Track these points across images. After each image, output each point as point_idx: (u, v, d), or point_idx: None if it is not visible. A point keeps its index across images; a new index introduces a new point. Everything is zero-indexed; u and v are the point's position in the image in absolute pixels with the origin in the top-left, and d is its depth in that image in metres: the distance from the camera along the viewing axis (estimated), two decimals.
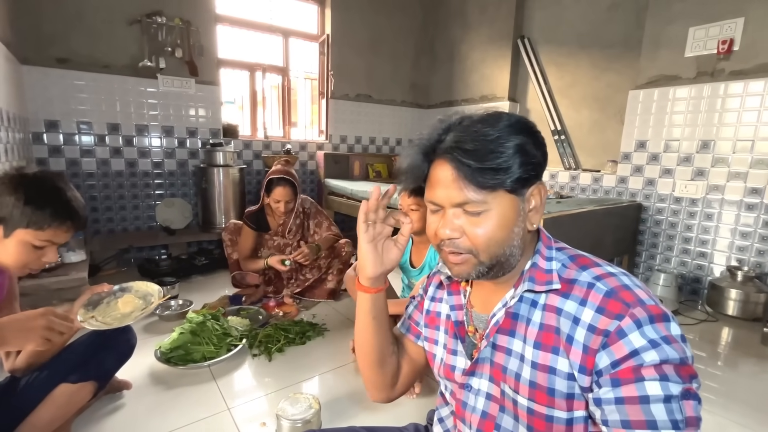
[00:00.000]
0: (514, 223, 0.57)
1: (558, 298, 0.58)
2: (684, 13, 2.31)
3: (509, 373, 0.61)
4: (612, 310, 0.52)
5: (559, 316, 0.57)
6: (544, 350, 0.58)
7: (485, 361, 0.65)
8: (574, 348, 0.54)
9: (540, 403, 0.57)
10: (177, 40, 2.77)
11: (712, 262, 2.34)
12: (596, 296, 0.54)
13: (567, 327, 0.56)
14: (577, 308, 0.55)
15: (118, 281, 2.38)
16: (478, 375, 0.66)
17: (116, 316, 1.08)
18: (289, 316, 1.94)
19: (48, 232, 0.90)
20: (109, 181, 2.76)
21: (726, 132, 2.23)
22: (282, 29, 3.44)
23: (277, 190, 2.04)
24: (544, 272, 0.60)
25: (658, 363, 0.48)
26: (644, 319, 0.50)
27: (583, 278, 0.58)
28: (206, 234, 2.87)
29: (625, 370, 0.49)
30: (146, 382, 1.41)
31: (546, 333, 0.58)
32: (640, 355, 0.49)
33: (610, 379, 0.50)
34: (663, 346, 0.49)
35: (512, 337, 0.61)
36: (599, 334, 0.52)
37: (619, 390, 0.49)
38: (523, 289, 0.60)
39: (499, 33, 3.44)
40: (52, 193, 0.90)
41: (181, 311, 1.91)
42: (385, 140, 4.08)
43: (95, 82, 2.60)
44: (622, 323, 0.51)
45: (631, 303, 0.52)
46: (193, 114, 2.98)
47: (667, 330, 0.50)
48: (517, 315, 0.61)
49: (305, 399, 1.18)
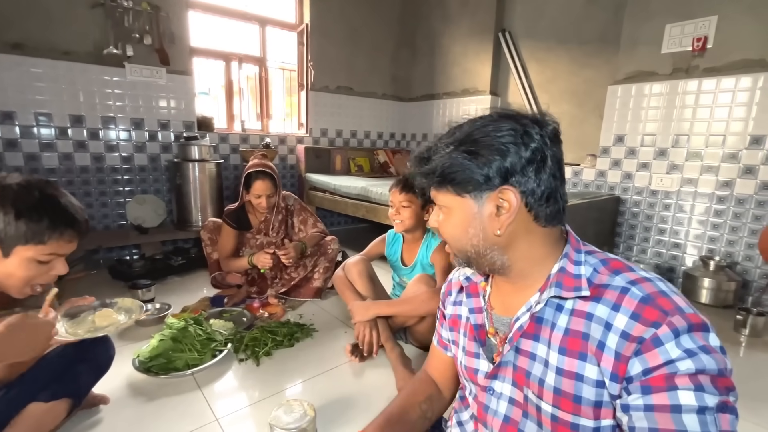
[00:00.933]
0: (468, 225, 0.60)
1: (588, 303, 0.56)
2: (660, 11, 2.37)
3: (532, 379, 0.60)
4: (648, 317, 0.50)
5: (589, 321, 0.55)
6: (570, 356, 0.56)
7: (508, 364, 0.63)
8: (605, 354, 0.52)
9: (565, 410, 0.56)
10: (145, 26, 2.60)
11: (686, 253, 2.44)
12: (631, 302, 0.52)
13: (598, 333, 0.54)
14: (609, 313, 0.53)
15: (87, 285, 2.24)
16: (500, 378, 0.65)
17: (89, 328, 1.00)
18: (275, 317, 1.88)
19: (50, 244, 0.82)
20: (73, 177, 2.57)
21: (699, 127, 2.31)
22: (258, 17, 3.30)
23: (256, 185, 1.95)
24: (573, 277, 0.58)
25: (694, 372, 0.46)
26: (682, 328, 0.48)
27: (616, 283, 0.55)
28: (182, 232, 2.73)
29: (657, 378, 0.48)
30: (125, 394, 1.31)
31: (572, 338, 0.56)
32: (675, 364, 0.47)
33: (640, 386, 0.49)
34: (700, 355, 0.47)
35: (536, 342, 0.60)
36: (633, 341, 0.50)
37: (650, 397, 0.48)
38: (549, 294, 0.58)
39: (480, 26, 3.43)
40: (44, 203, 0.82)
41: (159, 315, 1.80)
42: (367, 134, 4.02)
43: (54, 70, 2.41)
44: (659, 331, 0.49)
45: (669, 311, 0.50)
46: (164, 105, 2.81)
47: (706, 340, 0.49)
48: (542, 319, 0.60)
49: (299, 406, 1.13)
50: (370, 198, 2.64)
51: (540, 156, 0.56)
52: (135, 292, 1.98)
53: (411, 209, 1.52)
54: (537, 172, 0.56)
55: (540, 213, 0.58)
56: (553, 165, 0.57)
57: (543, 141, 0.57)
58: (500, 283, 0.68)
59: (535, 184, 0.56)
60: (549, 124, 0.59)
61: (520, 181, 0.56)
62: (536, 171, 0.56)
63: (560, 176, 0.59)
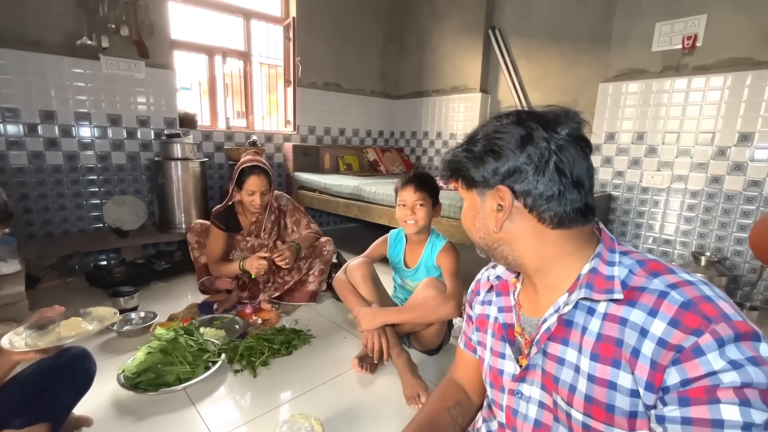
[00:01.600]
0: (474, 217, 0.63)
1: (622, 307, 0.53)
2: (651, 9, 2.39)
3: (562, 384, 0.57)
4: (689, 324, 0.46)
5: (623, 326, 0.52)
6: (602, 363, 0.53)
7: (536, 368, 0.62)
8: (640, 363, 0.49)
9: (597, 419, 0.53)
10: (122, 16, 2.44)
11: (676, 249, 2.47)
12: (670, 307, 0.48)
13: (633, 339, 0.50)
14: (645, 319, 0.50)
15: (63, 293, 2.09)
16: (528, 382, 0.63)
17: (51, 339, 0.90)
18: (269, 324, 1.79)
19: None
20: (44, 177, 2.40)
21: (689, 125, 2.34)
22: (242, 10, 3.16)
23: (250, 180, 1.85)
24: (605, 279, 0.55)
25: (739, 386, 0.43)
26: (728, 337, 0.44)
27: (654, 286, 0.51)
28: (165, 235, 2.59)
29: (698, 390, 0.44)
30: (110, 414, 1.20)
31: (605, 344, 0.53)
32: (718, 376, 0.43)
33: (677, 398, 0.45)
34: (747, 367, 0.43)
35: (565, 346, 0.58)
36: (671, 349, 0.47)
37: (688, 410, 0.44)
38: (579, 296, 0.56)
39: (469, 23, 3.40)
40: None
41: (144, 325, 1.69)
42: (355, 131, 3.94)
43: (22, 61, 2.23)
44: (701, 340, 0.45)
45: (713, 318, 0.46)
46: (143, 101, 2.66)
47: (755, 350, 0.44)
48: (572, 323, 0.57)
49: (305, 420, 1.06)
50: (363, 197, 2.57)
51: (540, 159, 0.55)
52: (117, 300, 1.84)
53: (426, 208, 1.48)
54: (536, 174, 0.56)
55: (543, 215, 0.57)
56: (558, 168, 0.55)
57: (547, 145, 0.55)
58: (527, 282, 0.67)
59: (533, 185, 0.56)
60: (565, 127, 0.56)
61: (516, 182, 0.57)
62: (535, 173, 0.56)
63: (571, 179, 0.56)
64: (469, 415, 0.81)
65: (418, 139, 4.01)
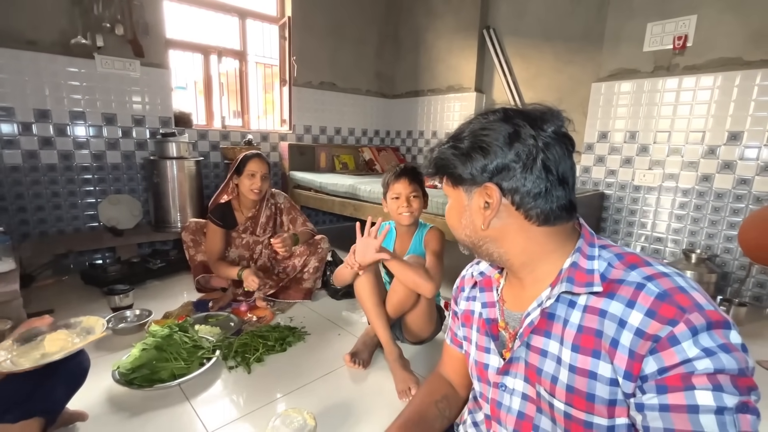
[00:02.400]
0: (461, 215, 0.63)
1: (602, 300, 0.54)
2: (642, 9, 2.41)
3: (544, 376, 0.59)
4: (664, 314, 0.48)
5: (602, 318, 0.54)
6: (583, 353, 0.55)
7: (519, 360, 0.63)
8: (619, 352, 0.51)
9: (578, 408, 0.55)
10: (117, 15, 2.44)
11: (667, 246, 2.50)
12: (647, 298, 0.50)
13: (611, 330, 0.52)
14: (623, 310, 0.52)
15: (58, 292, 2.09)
16: (512, 374, 0.64)
17: (35, 356, 0.90)
18: (264, 321, 1.80)
19: None
20: (39, 176, 2.40)
21: (680, 124, 2.37)
22: (238, 9, 3.17)
23: (251, 162, 1.89)
24: (585, 272, 0.56)
25: (713, 372, 0.45)
26: (701, 326, 0.46)
27: (631, 278, 0.53)
28: (160, 234, 2.60)
29: (674, 377, 0.46)
30: (104, 409, 1.21)
31: (586, 336, 0.55)
32: (692, 363, 0.46)
33: (655, 385, 0.47)
34: (719, 354, 0.45)
35: (548, 338, 0.59)
36: (648, 339, 0.48)
37: (665, 397, 0.46)
38: (560, 289, 0.57)
39: (464, 22, 3.42)
40: None
41: (139, 323, 1.69)
42: (351, 131, 3.95)
43: (17, 60, 2.23)
44: (676, 329, 0.47)
45: (687, 308, 0.48)
46: (138, 100, 2.66)
47: (726, 338, 0.47)
48: (554, 315, 0.59)
49: (299, 414, 1.07)
50: (359, 196, 2.58)
51: (528, 157, 0.56)
52: (112, 299, 1.85)
53: (419, 199, 1.51)
54: (524, 171, 0.56)
55: (530, 212, 0.58)
56: (545, 166, 0.56)
57: (535, 143, 0.56)
58: (511, 278, 0.68)
59: (521, 183, 0.57)
60: (551, 124, 0.57)
61: (504, 180, 0.57)
62: (523, 171, 0.56)
63: (557, 177, 0.57)
64: (456, 408, 0.82)
65: (413, 138, 4.02)
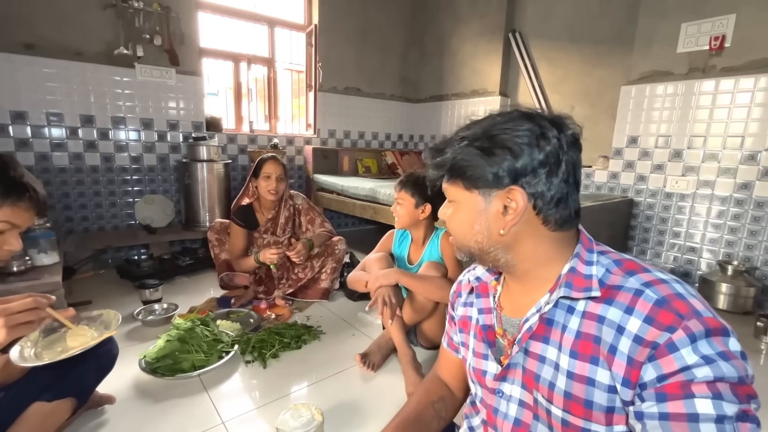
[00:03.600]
0: (474, 221, 0.59)
1: (600, 306, 0.54)
2: (676, 9, 2.32)
3: (542, 382, 0.58)
4: (663, 321, 0.48)
5: (600, 324, 0.53)
6: (581, 360, 0.54)
7: (517, 366, 0.62)
8: (617, 359, 0.50)
9: (576, 415, 0.54)
10: (156, 26, 2.61)
11: (702, 257, 2.37)
12: (645, 305, 0.50)
13: (610, 336, 0.52)
14: (621, 316, 0.51)
15: (95, 284, 2.24)
16: (509, 381, 0.63)
17: (56, 350, 0.96)
18: (281, 319, 1.86)
19: (4, 211, 0.80)
20: (83, 177, 2.59)
21: (716, 128, 2.25)
22: (267, 18, 3.30)
23: (267, 165, 1.96)
24: (584, 278, 0.56)
25: (712, 380, 0.44)
26: (699, 333, 0.46)
27: (629, 284, 0.53)
28: (190, 232, 2.73)
29: (673, 385, 0.46)
30: (131, 395, 1.30)
31: (584, 342, 0.54)
32: (692, 371, 0.45)
33: (654, 393, 0.47)
34: (719, 362, 0.45)
35: (546, 344, 0.58)
36: (647, 345, 0.48)
37: (665, 405, 0.46)
38: (558, 294, 0.57)
39: (489, 26, 3.40)
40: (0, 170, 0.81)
41: (166, 316, 1.80)
42: (374, 135, 4.00)
43: (66, 70, 2.42)
44: (674, 336, 0.46)
45: (685, 314, 0.47)
46: (173, 106, 2.82)
47: (725, 345, 0.46)
48: (552, 321, 0.58)
49: (307, 410, 1.11)
50: (378, 199, 2.61)
51: (554, 160, 0.55)
52: (143, 292, 1.97)
53: (404, 207, 1.53)
54: (549, 175, 0.55)
55: (549, 217, 0.57)
56: (567, 170, 0.56)
57: (559, 145, 0.55)
58: (510, 284, 0.67)
59: (546, 187, 0.55)
60: (569, 128, 0.57)
61: (530, 183, 0.55)
62: (548, 174, 0.55)
63: (574, 182, 0.58)
64: (452, 410, 0.83)
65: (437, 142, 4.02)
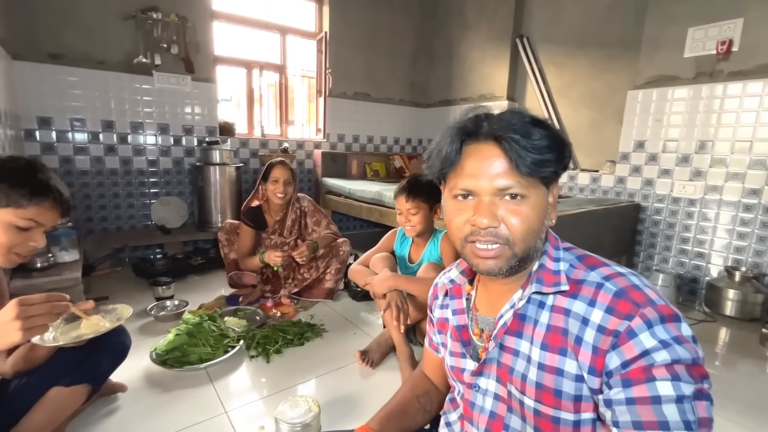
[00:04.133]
0: (545, 215, 0.59)
1: (566, 299, 0.58)
2: (683, 14, 2.31)
3: (515, 374, 0.61)
4: (622, 310, 0.52)
5: (567, 317, 0.57)
6: (551, 351, 0.57)
7: (492, 361, 0.65)
8: (583, 349, 0.54)
9: (546, 404, 0.57)
10: (173, 36, 2.73)
11: (710, 263, 2.34)
12: (605, 296, 0.54)
13: (576, 328, 0.55)
14: (585, 309, 0.55)
15: (112, 281, 2.34)
16: (485, 375, 0.66)
17: (72, 335, 1.02)
18: (286, 317, 1.92)
19: (30, 209, 0.86)
20: (103, 179, 2.72)
21: (724, 133, 2.23)
22: (279, 26, 3.41)
23: (275, 170, 2.03)
24: (552, 273, 0.60)
25: (670, 363, 0.48)
26: (655, 319, 0.50)
27: (591, 278, 0.57)
28: (202, 233, 2.83)
29: (636, 371, 0.49)
30: (142, 384, 1.38)
31: (553, 334, 0.58)
32: (651, 355, 0.48)
33: (620, 380, 0.50)
34: (674, 346, 0.48)
35: (519, 338, 0.61)
36: (609, 334, 0.52)
37: (630, 390, 0.49)
38: (531, 290, 0.60)
39: (497, 32, 3.43)
40: (28, 172, 0.88)
41: (177, 312, 1.88)
42: (383, 139, 4.06)
43: (89, 78, 2.56)
44: (632, 323, 0.50)
45: (641, 303, 0.51)
46: (189, 111, 2.94)
47: (678, 330, 0.50)
48: (525, 316, 0.61)
49: (304, 402, 1.16)
50: (384, 202, 2.66)
51: None
52: (156, 289, 2.06)
53: (421, 214, 1.54)
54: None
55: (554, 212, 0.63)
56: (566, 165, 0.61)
57: None
58: (489, 285, 0.68)
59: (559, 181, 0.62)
60: None
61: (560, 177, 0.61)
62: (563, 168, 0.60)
63: None
64: (437, 404, 0.86)
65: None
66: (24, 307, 0.79)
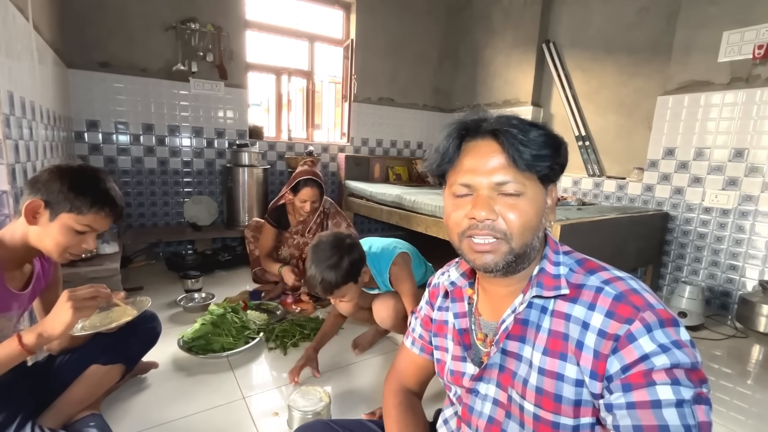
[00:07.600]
0: (542, 213, 0.59)
1: (566, 304, 0.57)
2: (718, 17, 2.23)
3: (518, 379, 0.60)
4: (622, 314, 0.52)
5: (567, 321, 0.57)
6: (551, 356, 0.57)
7: (494, 366, 0.64)
8: (584, 354, 0.54)
9: (546, 409, 0.57)
10: (209, 45, 2.90)
11: (744, 276, 2.23)
12: (605, 300, 0.54)
13: (576, 332, 0.55)
14: (586, 313, 0.55)
15: (147, 273, 2.50)
16: (486, 380, 0.65)
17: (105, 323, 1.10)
18: (305, 313, 2.00)
19: (88, 216, 0.96)
20: (142, 178, 2.91)
21: (762, 140, 2.13)
22: (308, 34, 3.54)
23: (304, 191, 2.10)
24: (552, 277, 0.59)
25: (669, 367, 0.48)
26: (654, 323, 0.50)
27: (591, 282, 0.57)
28: (230, 231, 2.98)
29: (636, 375, 0.49)
30: (169, 368, 1.48)
31: (554, 339, 0.58)
32: (651, 359, 0.48)
33: (621, 384, 0.50)
34: (674, 350, 0.48)
35: (523, 343, 0.61)
36: (610, 338, 0.51)
37: (631, 395, 0.49)
38: (531, 294, 0.60)
39: (523, 37, 3.41)
40: (92, 182, 0.97)
41: (204, 303, 2.00)
42: (406, 143, 4.11)
43: (133, 84, 2.76)
44: (632, 327, 0.50)
45: (640, 307, 0.51)
46: (221, 116, 3.11)
47: (677, 335, 0.50)
48: (527, 321, 0.61)
49: (316, 392, 1.22)
50: (404, 206, 2.70)
51: None
52: (186, 282, 2.20)
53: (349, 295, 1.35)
54: None
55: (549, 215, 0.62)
56: None
57: None
58: (490, 288, 0.67)
59: None
60: None
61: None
62: None
63: None
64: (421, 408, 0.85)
65: None
66: (74, 293, 0.91)
